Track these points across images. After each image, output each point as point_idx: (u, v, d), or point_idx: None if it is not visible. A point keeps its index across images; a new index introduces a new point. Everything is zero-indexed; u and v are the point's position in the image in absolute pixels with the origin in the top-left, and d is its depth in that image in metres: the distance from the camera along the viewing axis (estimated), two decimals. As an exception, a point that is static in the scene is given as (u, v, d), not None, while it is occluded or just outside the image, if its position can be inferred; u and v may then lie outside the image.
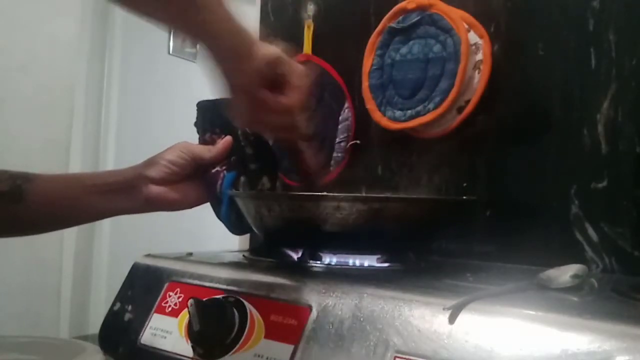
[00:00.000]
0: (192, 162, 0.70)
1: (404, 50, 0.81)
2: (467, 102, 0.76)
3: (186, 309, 0.52)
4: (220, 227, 0.76)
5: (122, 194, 0.69)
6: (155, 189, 0.69)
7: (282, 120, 0.61)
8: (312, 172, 0.71)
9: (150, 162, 0.70)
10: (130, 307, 0.63)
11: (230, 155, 0.73)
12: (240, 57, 0.56)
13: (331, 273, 0.57)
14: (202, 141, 0.76)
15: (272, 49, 0.59)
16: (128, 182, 0.69)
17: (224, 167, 0.72)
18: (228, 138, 0.73)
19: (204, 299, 0.53)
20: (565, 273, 0.51)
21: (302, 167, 0.71)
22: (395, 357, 0.43)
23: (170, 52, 2.84)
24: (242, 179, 0.72)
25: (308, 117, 0.63)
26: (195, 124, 0.77)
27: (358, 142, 0.89)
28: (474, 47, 0.76)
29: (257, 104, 0.59)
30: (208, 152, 0.72)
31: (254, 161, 0.73)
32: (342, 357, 0.46)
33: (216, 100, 0.77)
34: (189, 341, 0.54)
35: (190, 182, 0.72)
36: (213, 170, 0.72)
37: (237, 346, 0.51)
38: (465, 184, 0.79)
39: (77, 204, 0.69)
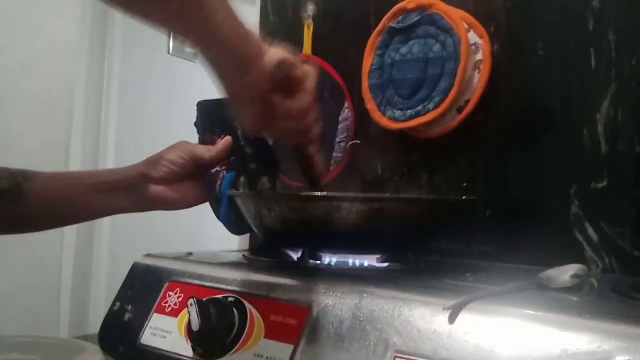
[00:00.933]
0: (192, 162, 0.70)
1: (404, 50, 0.81)
2: (467, 102, 0.76)
3: (186, 309, 0.52)
4: (220, 227, 0.76)
5: (123, 192, 0.69)
6: (155, 188, 0.69)
7: (293, 125, 0.59)
8: (321, 176, 0.68)
9: (151, 162, 0.70)
10: (130, 307, 0.63)
11: (230, 155, 0.73)
12: (248, 61, 0.53)
13: (331, 273, 0.57)
14: (203, 141, 0.76)
15: (278, 51, 0.56)
16: (128, 181, 0.69)
17: (223, 167, 0.72)
18: (228, 138, 0.73)
19: (204, 299, 0.53)
20: (565, 273, 0.51)
21: (312, 172, 0.67)
22: (395, 357, 0.43)
23: (170, 52, 2.84)
24: (242, 179, 0.72)
25: (316, 118, 0.61)
26: (196, 124, 0.77)
27: (358, 142, 0.89)
28: (474, 47, 0.76)
29: (267, 110, 0.56)
30: (208, 152, 0.72)
31: (254, 161, 0.73)
32: (342, 357, 0.46)
33: (217, 100, 0.77)
34: (189, 341, 0.54)
35: (190, 181, 0.72)
36: (213, 170, 0.72)
37: (237, 346, 0.51)
38: (465, 184, 0.79)
39: (77, 202, 0.69)
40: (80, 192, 0.68)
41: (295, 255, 0.64)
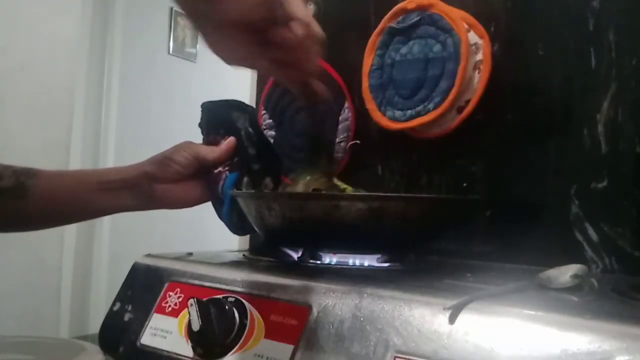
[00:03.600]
0: (195, 162, 0.71)
1: (404, 50, 0.81)
2: (467, 102, 0.76)
3: (186, 309, 0.52)
4: (220, 227, 0.76)
5: (126, 191, 0.69)
6: (158, 187, 0.69)
7: (287, 56, 0.52)
8: (321, 99, 0.61)
9: (154, 161, 0.70)
10: (130, 307, 0.63)
11: (234, 156, 0.73)
12: None
13: (331, 273, 0.57)
14: (206, 141, 0.76)
15: None
16: (132, 180, 0.69)
17: (226, 168, 0.72)
18: (231, 139, 0.73)
19: (204, 299, 0.53)
20: (565, 273, 0.51)
21: (309, 96, 0.61)
22: (395, 357, 0.43)
23: (170, 52, 2.84)
24: (245, 179, 0.72)
25: (317, 52, 0.54)
26: (200, 125, 0.77)
27: (358, 142, 0.89)
28: (474, 47, 0.76)
29: (256, 39, 0.49)
30: (212, 152, 0.72)
31: (256, 162, 0.73)
32: (342, 357, 0.46)
33: (221, 101, 0.77)
34: (189, 341, 0.54)
35: (192, 181, 0.72)
36: (215, 171, 0.72)
37: (237, 346, 0.51)
38: (465, 184, 0.79)
39: (80, 201, 0.69)
40: (83, 191, 0.68)
41: (295, 255, 0.64)
